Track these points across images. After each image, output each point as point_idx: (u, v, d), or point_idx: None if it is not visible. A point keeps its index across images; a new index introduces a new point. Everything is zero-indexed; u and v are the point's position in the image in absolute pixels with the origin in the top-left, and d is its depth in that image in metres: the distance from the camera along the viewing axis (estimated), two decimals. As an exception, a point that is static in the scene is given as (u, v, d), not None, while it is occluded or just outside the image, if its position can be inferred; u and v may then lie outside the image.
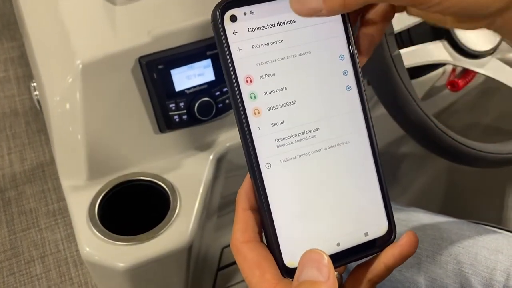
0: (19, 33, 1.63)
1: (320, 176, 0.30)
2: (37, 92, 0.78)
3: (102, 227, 0.59)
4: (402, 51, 0.53)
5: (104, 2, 0.67)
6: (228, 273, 1.03)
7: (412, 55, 0.54)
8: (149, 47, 0.62)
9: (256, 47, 0.29)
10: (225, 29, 0.28)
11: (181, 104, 0.64)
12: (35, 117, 1.51)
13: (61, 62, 0.63)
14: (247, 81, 0.29)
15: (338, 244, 0.30)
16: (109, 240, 0.58)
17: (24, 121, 1.52)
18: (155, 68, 0.61)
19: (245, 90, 0.29)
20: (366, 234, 0.31)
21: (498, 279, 0.53)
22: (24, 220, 1.28)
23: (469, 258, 0.55)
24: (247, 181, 0.30)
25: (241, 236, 0.29)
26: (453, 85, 0.81)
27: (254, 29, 0.29)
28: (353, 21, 0.31)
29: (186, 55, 0.63)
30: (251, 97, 0.29)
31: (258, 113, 0.29)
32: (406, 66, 0.52)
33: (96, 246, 0.58)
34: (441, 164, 0.99)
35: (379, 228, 0.31)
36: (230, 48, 0.28)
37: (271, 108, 0.29)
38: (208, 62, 0.64)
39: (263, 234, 0.31)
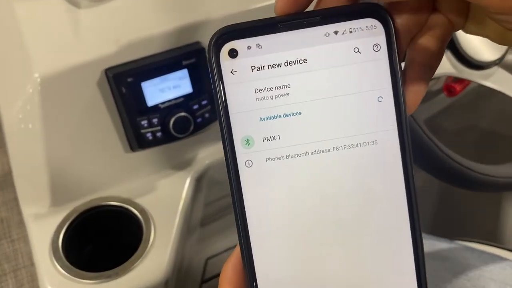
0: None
1: (322, 249, 0.23)
2: (-4, 103, 0.71)
3: (67, 262, 0.53)
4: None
5: (67, 5, 0.60)
6: (213, 285, 0.98)
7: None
8: (117, 57, 0.55)
9: (261, 91, 0.22)
10: (221, 67, 0.22)
11: (155, 120, 0.57)
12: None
13: (18, 75, 0.56)
14: (247, 143, 0.22)
15: None
16: (73, 277, 0.52)
17: (-5, 123, 1.44)
18: (123, 81, 0.55)
19: (241, 152, 0.22)
20: None
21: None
22: (-5, 230, 1.21)
23: None
24: (235, 256, 0.24)
25: None
26: (450, 90, 0.76)
27: (260, 68, 0.22)
28: (401, 50, 0.23)
29: (159, 65, 0.56)
30: (247, 164, 0.23)
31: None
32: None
33: (59, 284, 0.52)
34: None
35: None
36: (226, 91, 0.22)
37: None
38: (184, 72, 0.58)
39: None
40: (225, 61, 0.22)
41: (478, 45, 0.51)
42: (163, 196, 0.60)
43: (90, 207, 0.57)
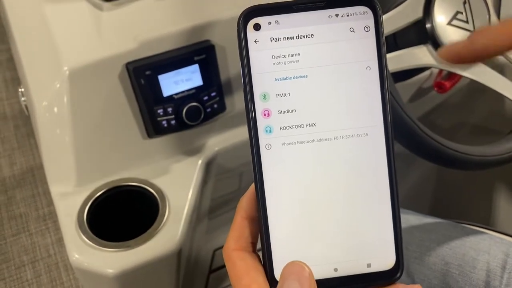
0: (7, 36, 1.62)
1: (326, 193, 0.28)
2: (24, 98, 0.78)
3: (91, 233, 0.59)
4: (387, 55, 0.53)
5: (91, 8, 0.67)
6: (220, 276, 1.03)
7: (397, 60, 0.54)
8: (136, 53, 0.62)
9: (277, 57, 0.28)
10: (247, 37, 0.28)
11: (169, 109, 0.64)
12: (24, 121, 1.50)
13: (48, 68, 0.63)
14: (264, 97, 0.28)
15: (336, 270, 0.28)
16: (98, 246, 0.58)
17: (13, 125, 1.51)
18: (142, 74, 0.61)
19: (259, 104, 0.28)
20: (369, 265, 0.28)
21: (485, 279, 0.54)
22: (14, 225, 1.28)
23: (456, 259, 0.56)
24: (250, 190, 0.30)
25: (234, 244, 0.29)
26: (440, 87, 0.82)
27: (277, 40, 0.28)
28: None
29: (173, 60, 0.63)
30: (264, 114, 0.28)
31: (270, 131, 0.28)
32: (392, 71, 0.52)
33: (85, 253, 0.58)
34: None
35: (385, 261, 0.28)
36: (250, 56, 0.28)
37: (284, 128, 0.28)
38: (195, 67, 0.64)
39: (258, 244, 0.30)
40: (251, 33, 0.28)
41: (456, 40, 0.58)
42: (177, 178, 0.66)
43: (111, 187, 0.64)
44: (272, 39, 0.28)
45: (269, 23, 0.28)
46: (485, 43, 0.28)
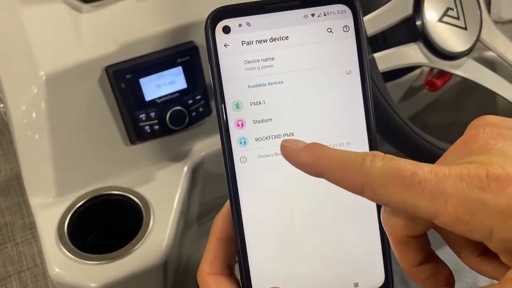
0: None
1: (307, 210, 0.26)
2: (2, 104, 0.75)
3: (72, 246, 0.57)
4: (377, 54, 0.51)
5: (69, 10, 0.64)
6: (211, 282, 1.01)
7: (387, 59, 0.52)
8: (116, 56, 0.59)
9: (249, 62, 0.26)
10: (216, 41, 0.25)
11: (152, 114, 0.61)
12: (8, 127, 1.47)
13: (24, 74, 0.60)
14: (237, 106, 0.26)
15: None
16: (79, 259, 0.56)
17: (-3, 132, 1.48)
18: (123, 78, 0.59)
19: (231, 114, 0.25)
20: (356, 285, 0.26)
21: (482, 284, 0.52)
22: (-1, 234, 1.24)
23: (452, 264, 0.54)
24: (225, 208, 0.28)
25: (208, 267, 0.27)
26: (431, 85, 0.81)
27: (249, 43, 0.26)
28: None
29: (155, 63, 0.60)
30: (237, 125, 0.26)
31: (244, 143, 0.26)
32: (382, 71, 0.51)
33: (66, 266, 0.56)
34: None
35: (373, 279, 0.26)
36: (219, 62, 0.25)
37: (259, 139, 0.26)
38: (179, 69, 0.62)
39: (236, 266, 0.28)
40: (220, 36, 0.25)
41: (448, 37, 0.56)
42: (161, 185, 0.64)
43: (92, 196, 0.61)
44: (243, 42, 0.26)
45: (240, 25, 0.25)
46: None
